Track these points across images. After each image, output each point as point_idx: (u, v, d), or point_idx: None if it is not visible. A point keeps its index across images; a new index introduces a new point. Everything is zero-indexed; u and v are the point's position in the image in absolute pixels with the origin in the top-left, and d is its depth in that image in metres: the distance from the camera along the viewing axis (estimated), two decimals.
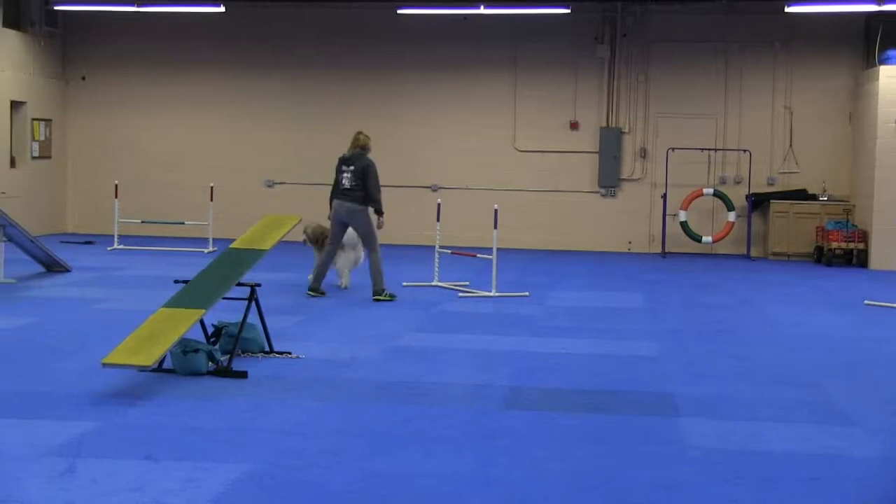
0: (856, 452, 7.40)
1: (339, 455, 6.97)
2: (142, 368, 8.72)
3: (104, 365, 8.49)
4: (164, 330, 8.93)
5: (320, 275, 14.56)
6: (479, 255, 15.77)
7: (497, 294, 14.81)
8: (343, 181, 14.28)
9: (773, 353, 11.19)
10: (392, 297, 14.21)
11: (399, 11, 21.28)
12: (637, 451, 7.26)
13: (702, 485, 6.56)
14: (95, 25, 23.29)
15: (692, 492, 6.42)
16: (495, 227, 15.17)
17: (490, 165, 22.50)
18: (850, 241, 20.22)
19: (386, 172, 22.70)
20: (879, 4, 19.50)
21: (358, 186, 14.22)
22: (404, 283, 15.67)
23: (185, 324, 9.01)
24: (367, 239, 14.38)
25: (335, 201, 14.34)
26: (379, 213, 14.45)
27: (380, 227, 14.54)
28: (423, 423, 7.85)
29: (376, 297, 14.15)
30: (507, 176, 22.42)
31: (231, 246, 10.70)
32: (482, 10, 20.77)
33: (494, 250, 15.01)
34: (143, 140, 23.48)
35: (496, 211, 15.25)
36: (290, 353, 10.20)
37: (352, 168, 14.28)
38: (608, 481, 6.58)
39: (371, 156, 14.56)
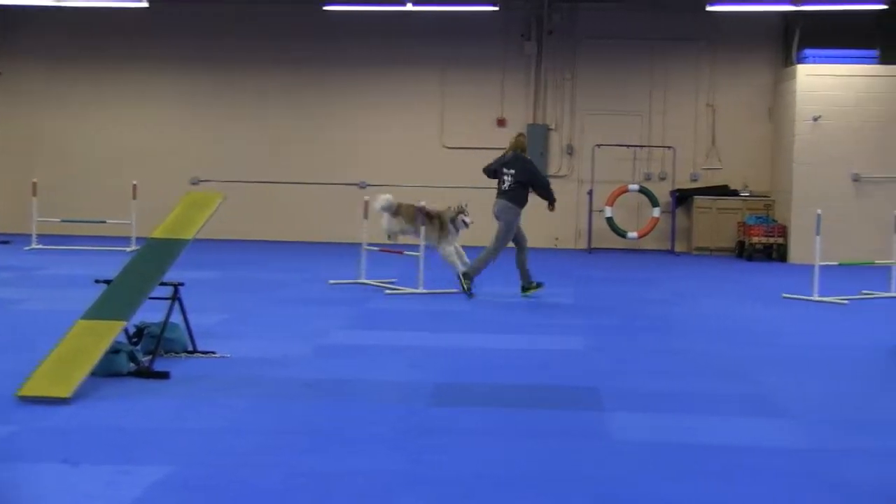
0: (784, 443, 7.47)
1: (267, 454, 6.89)
2: (59, 399, 8.35)
3: (19, 397, 8.06)
4: (83, 349, 8.56)
5: (476, 271, 14.88)
6: (405, 253, 15.74)
7: (424, 291, 14.79)
8: (503, 183, 14.84)
9: (700, 347, 11.28)
10: (540, 286, 14.90)
11: (325, 8, 21.16)
12: (567, 445, 7.26)
13: (631, 478, 6.58)
14: (13, 20, 22.92)
15: (622, 485, 6.44)
16: (422, 224, 15.15)
17: (418, 162, 22.48)
18: (770, 236, 20.48)
19: (313, 170, 22.73)
20: (797, 4, 19.78)
21: (518, 186, 14.72)
22: (330, 281, 15.60)
23: (105, 339, 8.65)
24: (499, 236, 14.80)
25: (496, 200, 14.92)
26: (551, 201, 15.01)
27: (551, 210, 15.16)
28: (353, 421, 7.78)
29: (526, 293, 14.82)
30: (436, 173, 22.41)
31: (153, 235, 10.27)
32: (410, 8, 20.72)
33: (422, 247, 15.00)
34: (63, 137, 23.16)
35: (423, 208, 15.24)
36: (214, 353, 10.08)
37: (512, 171, 14.80)
38: (538, 476, 6.58)
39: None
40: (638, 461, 6.93)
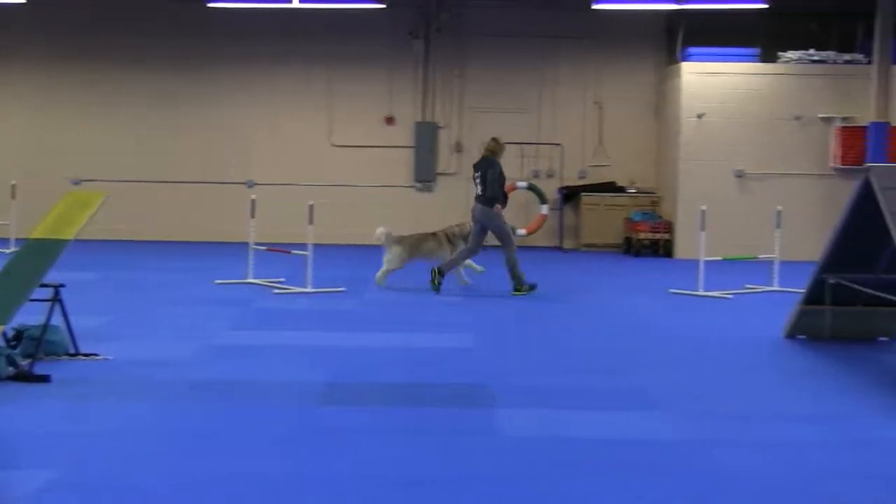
0: (664, 436, 7.58)
1: (152, 458, 6.78)
2: None
3: None
4: None
5: (449, 267, 15.29)
6: (293, 252, 15.64)
7: (313, 290, 14.71)
8: (476, 187, 15.24)
9: (587, 342, 11.40)
10: (532, 288, 14.96)
11: (209, 5, 20.92)
12: (455, 442, 7.28)
13: (518, 474, 6.61)
14: None
15: (512, 482, 6.47)
16: (310, 223, 15.09)
17: (306, 161, 22.36)
18: (656, 232, 20.78)
19: (200, 169, 22.46)
20: (680, 3, 20.08)
21: (484, 190, 15.04)
22: (217, 281, 15.44)
23: None
24: (500, 238, 15.14)
25: (473, 203, 15.34)
26: (490, 206, 15.13)
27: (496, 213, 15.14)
28: (240, 422, 7.71)
29: (515, 292, 14.93)
30: (324, 171, 22.31)
31: (31, 235, 10.02)
32: (296, 5, 20.59)
33: (310, 246, 14.92)
34: None
35: (311, 207, 15.17)
36: (97, 355, 9.89)
37: (478, 174, 15.21)
38: (428, 474, 6.58)
39: (496, 158, 15.33)
40: (528, 457, 6.97)
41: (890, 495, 6.40)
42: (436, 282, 15.08)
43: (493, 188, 15.06)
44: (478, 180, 15.19)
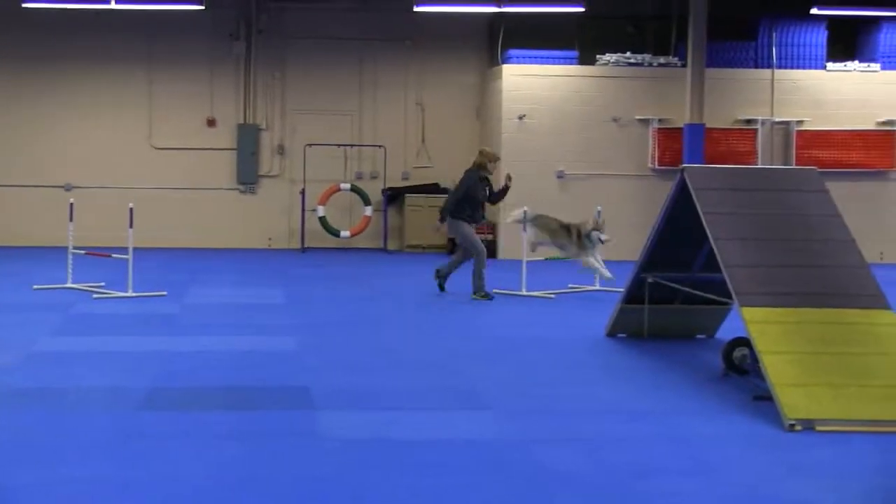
0: (489, 435, 7.69)
1: None
2: None
3: None
4: None
5: (449, 270, 15.34)
6: (114, 256, 15.31)
7: (134, 294, 14.43)
8: None
9: (414, 342, 11.47)
10: (487, 297, 14.70)
11: (24, 6, 20.28)
12: (277, 445, 7.27)
13: (338, 475, 6.64)
14: None
15: (330, 483, 6.50)
16: (131, 227, 14.82)
17: (126, 163, 21.90)
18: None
19: (15, 172, 21.80)
20: (500, 6, 20.34)
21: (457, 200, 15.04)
22: (35, 286, 15.01)
23: None
24: (466, 247, 14.99)
25: None
26: (442, 218, 15.17)
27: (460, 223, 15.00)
28: (59, 429, 7.56)
29: (474, 296, 14.74)
30: (145, 174, 21.88)
31: None
32: (114, 6, 20.11)
33: (130, 250, 14.63)
34: None
35: (131, 210, 14.90)
36: None
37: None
38: (248, 478, 6.55)
39: (479, 170, 15.28)
40: (350, 459, 6.99)
41: (709, 489, 6.60)
42: (441, 284, 15.25)
43: (448, 199, 15.24)
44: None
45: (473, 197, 15.05)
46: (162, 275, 16.85)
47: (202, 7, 20.50)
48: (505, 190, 15.55)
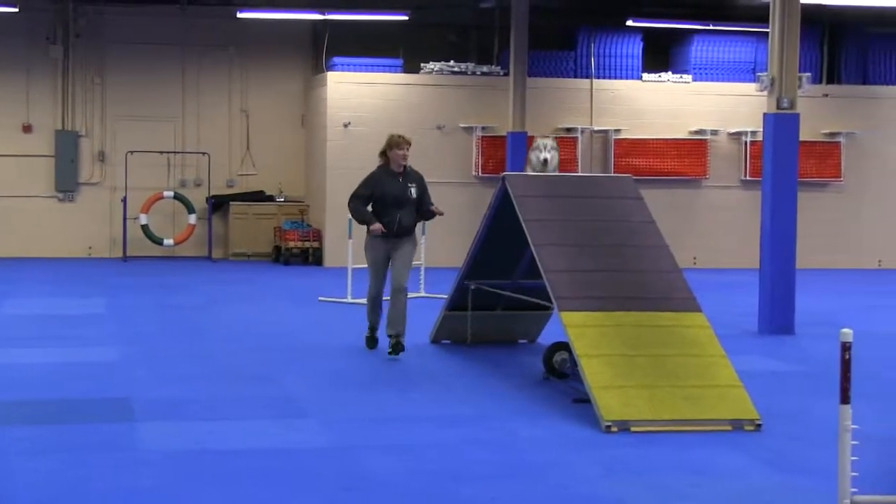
0: (309, 443, 7.70)
1: None
2: None
3: None
4: None
5: None
6: None
7: None
8: None
9: (236, 352, 11.37)
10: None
11: None
12: (95, 459, 7.14)
13: (159, 488, 6.56)
14: None
15: (148, 494, 6.42)
16: None
17: None
18: (305, 241, 20.92)
19: None
20: (324, 13, 20.34)
21: None
22: None
23: None
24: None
25: None
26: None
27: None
28: None
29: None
30: None
31: None
32: None
33: None
34: None
35: None
36: None
37: None
38: (65, 494, 6.42)
39: (383, 162, 11.73)
40: (170, 471, 6.92)
41: (526, 491, 6.72)
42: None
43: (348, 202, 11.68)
44: None
45: (380, 197, 11.50)
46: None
47: (16, 9, 19.96)
48: (433, 214, 12.12)
